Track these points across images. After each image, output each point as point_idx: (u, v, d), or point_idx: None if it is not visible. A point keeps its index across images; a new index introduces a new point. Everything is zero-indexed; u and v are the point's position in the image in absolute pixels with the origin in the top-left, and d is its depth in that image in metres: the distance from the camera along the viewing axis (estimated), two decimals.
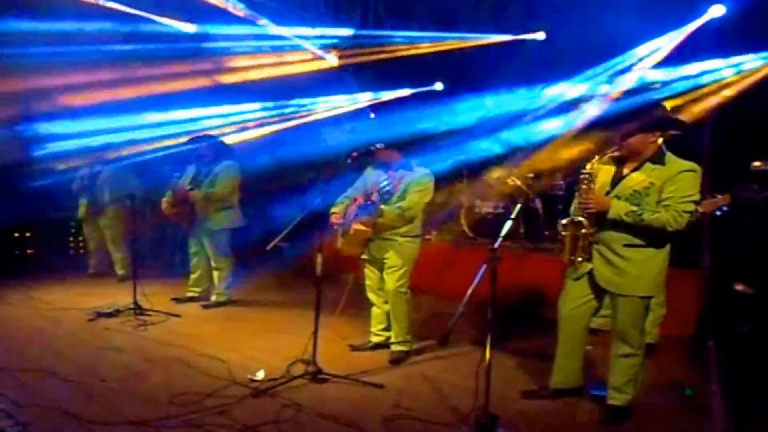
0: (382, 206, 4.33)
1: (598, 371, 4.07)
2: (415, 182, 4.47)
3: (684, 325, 5.16)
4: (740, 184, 5.01)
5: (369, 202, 4.34)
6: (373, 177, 4.68)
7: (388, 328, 4.74)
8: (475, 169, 7.89)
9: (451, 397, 3.82)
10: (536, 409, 3.66)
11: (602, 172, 3.60)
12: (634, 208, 3.35)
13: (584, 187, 3.51)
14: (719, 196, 4.36)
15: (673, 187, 3.33)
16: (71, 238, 8.30)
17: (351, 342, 4.87)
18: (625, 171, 3.52)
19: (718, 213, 4.41)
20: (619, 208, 3.37)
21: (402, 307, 4.55)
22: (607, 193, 3.51)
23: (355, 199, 4.56)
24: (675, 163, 3.40)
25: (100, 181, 7.25)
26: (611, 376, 3.59)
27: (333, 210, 4.66)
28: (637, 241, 3.42)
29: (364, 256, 4.63)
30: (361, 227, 4.41)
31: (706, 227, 5.09)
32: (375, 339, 4.80)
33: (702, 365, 4.44)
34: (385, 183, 4.41)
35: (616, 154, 3.54)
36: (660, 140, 3.45)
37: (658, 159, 3.42)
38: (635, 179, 3.44)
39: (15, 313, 5.59)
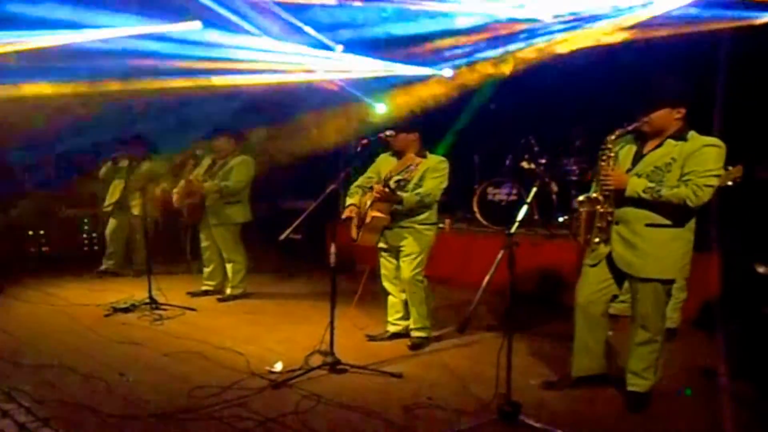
0: (401, 193, 4.28)
1: (620, 358, 4.00)
2: (431, 168, 4.42)
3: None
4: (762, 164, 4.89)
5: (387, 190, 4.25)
6: (387, 164, 4.63)
7: (405, 318, 4.70)
8: None
9: (471, 385, 3.78)
10: (558, 397, 3.61)
11: (624, 150, 3.46)
12: (652, 185, 3.20)
13: (603, 164, 3.36)
14: (731, 168, 4.21)
15: (695, 161, 3.17)
16: (84, 235, 8.31)
17: (368, 332, 4.84)
18: (647, 149, 3.37)
19: (729, 184, 4.26)
20: (636, 185, 3.22)
21: (419, 295, 4.51)
22: (628, 171, 3.35)
23: (371, 188, 4.51)
24: (698, 139, 3.24)
25: (136, 175, 7.04)
26: (630, 362, 3.51)
27: (349, 202, 4.61)
28: (660, 220, 3.26)
29: (380, 245, 4.59)
30: (379, 215, 4.35)
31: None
32: (392, 329, 4.76)
33: (722, 348, 4.37)
34: (401, 170, 4.36)
35: (633, 128, 3.34)
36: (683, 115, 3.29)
37: (680, 135, 3.26)
38: (656, 156, 3.31)
39: (32, 310, 5.60)
